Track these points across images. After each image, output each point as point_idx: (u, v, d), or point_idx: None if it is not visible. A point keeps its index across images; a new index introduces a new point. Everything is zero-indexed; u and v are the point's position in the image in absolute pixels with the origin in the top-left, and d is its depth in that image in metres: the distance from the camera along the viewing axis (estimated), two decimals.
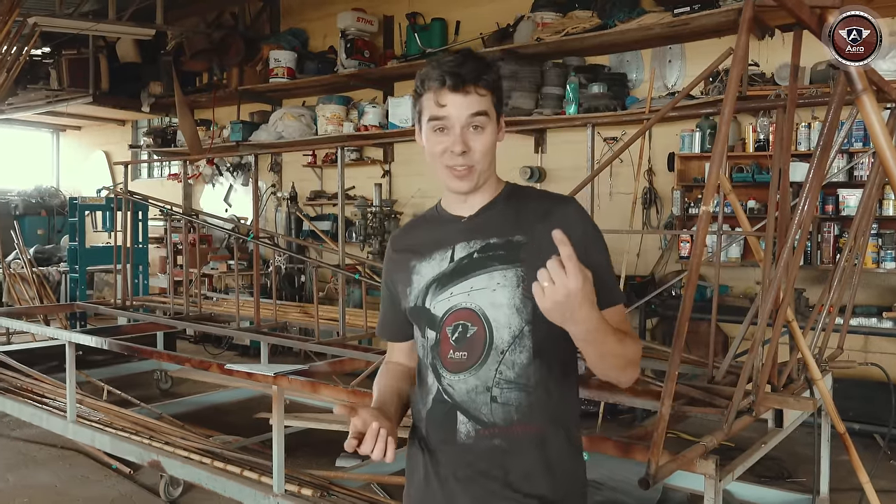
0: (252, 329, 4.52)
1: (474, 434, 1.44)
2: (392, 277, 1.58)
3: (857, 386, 4.59)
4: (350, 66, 7.20)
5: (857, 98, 1.55)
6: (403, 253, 1.56)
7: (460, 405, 1.45)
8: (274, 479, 3.27)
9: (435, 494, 1.49)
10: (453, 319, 1.45)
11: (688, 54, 5.81)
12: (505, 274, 1.42)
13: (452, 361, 1.45)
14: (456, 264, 1.46)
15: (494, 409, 1.43)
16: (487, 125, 1.42)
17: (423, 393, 1.52)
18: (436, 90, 1.40)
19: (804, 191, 2.09)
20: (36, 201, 11.11)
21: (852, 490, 3.24)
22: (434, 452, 1.49)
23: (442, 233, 1.51)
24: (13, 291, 7.42)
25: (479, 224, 1.48)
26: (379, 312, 1.70)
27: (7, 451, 4.63)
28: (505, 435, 1.43)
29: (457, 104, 1.40)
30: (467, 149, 1.41)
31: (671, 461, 1.89)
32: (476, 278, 1.44)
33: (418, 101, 1.46)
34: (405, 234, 1.62)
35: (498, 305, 1.42)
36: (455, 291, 1.45)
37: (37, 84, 9.26)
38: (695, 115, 5.42)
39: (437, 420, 1.48)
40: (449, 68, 1.39)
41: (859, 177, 4.92)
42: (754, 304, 2.52)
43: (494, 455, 1.43)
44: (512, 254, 1.43)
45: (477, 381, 1.43)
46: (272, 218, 8.51)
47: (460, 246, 1.47)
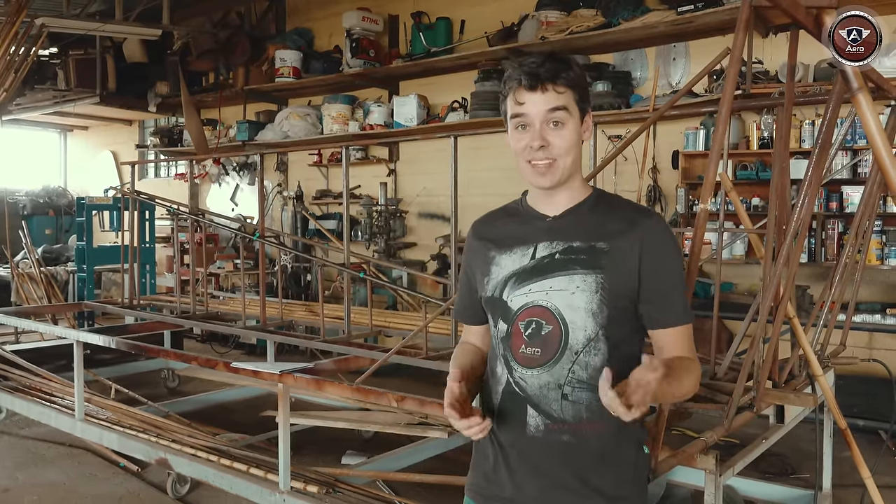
0: (258, 328, 4.55)
1: (543, 428, 1.49)
2: (471, 264, 1.64)
3: (860, 382, 4.59)
4: (355, 65, 7.22)
5: (852, 97, 1.57)
6: (484, 242, 1.61)
7: (531, 399, 1.50)
8: (280, 476, 3.30)
9: (503, 483, 1.54)
10: (527, 315, 1.50)
11: (692, 52, 5.81)
12: (585, 279, 1.47)
13: (524, 356, 1.50)
14: (537, 262, 1.51)
15: (565, 406, 1.47)
16: (567, 121, 1.47)
17: (493, 382, 1.58)
18: (515, 90, 1.48)
19: (803, 188, 2.10)
20: (44, 201, 11.16)
21: (855, 486, 3.25)
22: (504, 443, 1.54)
23: (525, 228, 1.56)
24: (21, 291, 7.47)
25: (563, 226, 1.53)
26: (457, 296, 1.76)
27: (16, 450, 4.67)
28: (574, 431, 1.48)
29: (534, 101, 1.46)
30: (546, 143, 1.46)
31: (671, 456, 1.91)
32: (556, 279, 1.48)
33: (504, 102, 1.53)
34: (487, 224, 1.66)
35: (575, 308, 1.47)
36: (534, 288, 1.50)
37: (44, 84, 9.32)
38: (699, 113, 5.42)
39: (508, 411, 1.53)
40: (528, 69, 1.46)
41: (863, 174, 4.92)
42: (755, 301, 2.53)
43: (562, 450, 1.48)
44: (593, 260, 1.47)
45: (549, 378, 1.48)
46: (278, 217, 8.55)
47: (543, 245, 1.52)
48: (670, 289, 1.48)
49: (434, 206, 7.30)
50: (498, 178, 6.62)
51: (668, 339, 1.49)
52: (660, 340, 1.51)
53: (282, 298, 4.88)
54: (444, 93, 7.04)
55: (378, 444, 4.48)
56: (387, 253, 7.17)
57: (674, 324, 1.49)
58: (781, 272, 2.12)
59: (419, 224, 7.45)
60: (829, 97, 2.01)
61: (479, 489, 1.60)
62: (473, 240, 1.65)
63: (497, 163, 6.69)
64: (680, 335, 1.49)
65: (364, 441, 4.65)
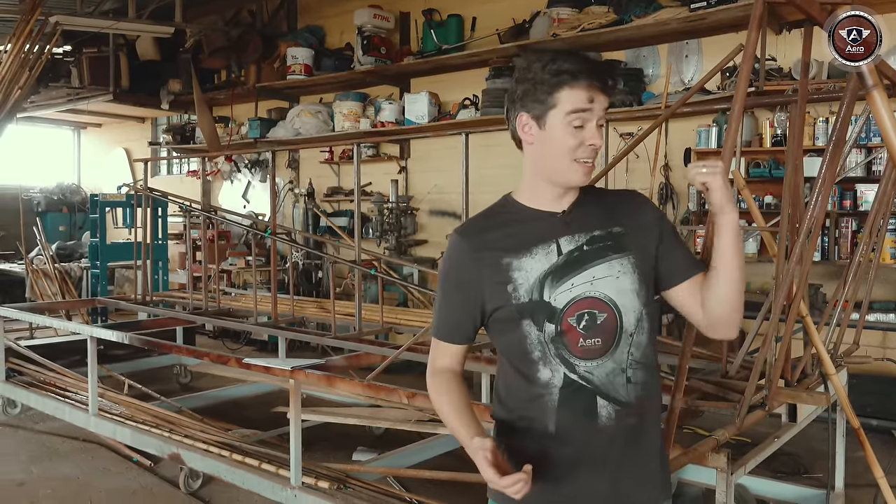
0: (270, 324, 4.57)
1: (615, 415, 1.51)
2: (470, 276, 1.55)
3: (874, 381, 4.56)
4: (367, 62, 7.23)
5: (867, 93, 1.56)
6: (488, 251, 1.54)
7: (600, 389, 1.50)
8: (291, 471, 3.31)
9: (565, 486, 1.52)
10: (576, 309, 1.49)
11: (704, 49, 5.78)
12: (622, 262, 1.51)
13: (584, 349, 1.50)
14: (566, 257, 1.51)
15: (629, 389, 1.51)
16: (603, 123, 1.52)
17: (535, 389, 1.52)
18: (587, 86, 1.45)
19: (816, 185, 2.09)
20: (58, 198, 11.24)
21: (869, 486, 3.23)
22: (566, 442, 1.51)
23: (537, 228, 1.54)
24: (36, 287, 7.53)
25: (576, 218, 1.54)
26: (437, 313, 1.64)
27: (31, 444, 4.72)
28: (637, 412, 1.53)
29: (602, 102, 1.47)
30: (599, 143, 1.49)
31: (682, 454, 1.91)
32: (595, 268, 1.50)
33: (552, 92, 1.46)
34: (480, 232, 1.58)
35: (624, 291, 1.51)
36: (576, 282, 1.49)
37: (58, 82, 9.38)
38: (711, 110, 5.39)
39: (574, 407, 1.50)
40: (601, 70, 1.47)
41: (877, 172, 4.88)
42: (768, 299, 2.52)
43: (631, 432, 1.52)
44: (619, 244, 1.53)
45: (614, 364, 1.51)
46: (290, 214, 8.57)
47: (565, 240, 1.52)
48: (681, 246, 1.60)
49: (445, 204, 7.31)
50: (509, 176, 6.58)
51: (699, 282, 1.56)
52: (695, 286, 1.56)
53: (293, 295, 4.90)
54: (456, 90, 7.03)
55: (389, 440, 4.50)
56: (398, 250, 7.18)
57: (697, 271, 1.57)
58: (794, 270, 2.11)
59: (430, 221, 7.45)
60: (844, 94, 2.00)
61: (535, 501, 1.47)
62: (469, 251, 1.56)
63: (508, 160, 6.66)
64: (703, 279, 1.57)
65: (375, 437, 4.67)
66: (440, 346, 1.64)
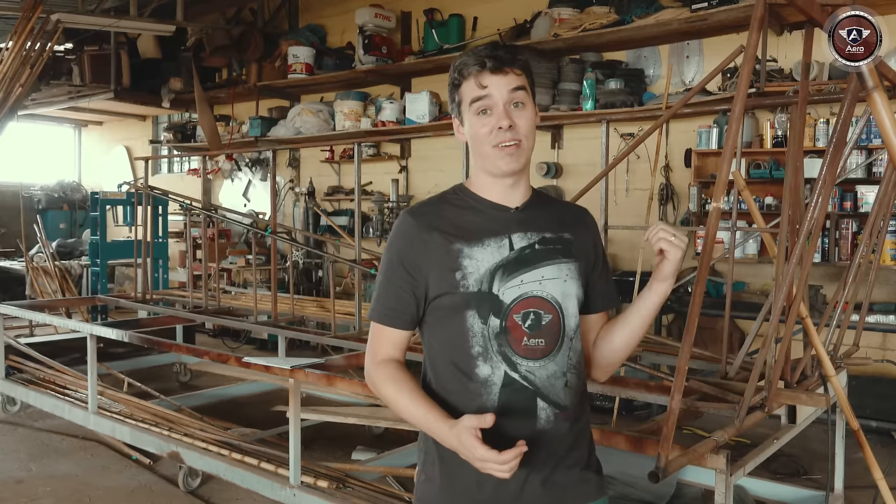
0: (270, 323, 4.57)
1: (553, 418, 1.49)
2: (418, 259, 1.49)
3: (873, 383, 4.56)
4: (368, 61, 7.23)
5: (867, 95, 1.56)
6: (439, 234, 1.49)
7: (541, 390, 1.49)
8: (290, 471, 3.32)
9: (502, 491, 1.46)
10: (523, 307, 1.48)
11: (706, 50, 5.78)
12: (569, 267, 1.53)
13: (528, 348, 1.48)
14: (518, 253, 1.49)
15: (567, 392, 1.52)
16: (527, 102, 1.50)
17: (473, 386, 1.47)
18: (476, 74, 1.47)
19: (817, 187, 2.09)
20: (58, 196, 11.25)
21: (868, 488, 3.23)
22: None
23: (490, 220, 1.52)
24: (36, 284, 7.53)
25: (529, 217, 1.54)
26: (378, 295, 1.55)
27: (30, 442, 4.72)
28: (574, 416, 1.53)
29: (497, 84, 1.46)
30: (513, 124, 1.47)
31: (681, 455, 1.91)
32: (545, 268, 1.50)
33: (457, 91, 1.52)
34: (432, 214, 1.53)
35: (569, 296, 1.52)
36: (526, 279, 1.48)
37: (59, 80, 9.38)
38: (712, 111, 5.39)
39: (514, 408, 1.46)
40: (486, 53, 1.47)
41: (877, 173, 4.88)
42: (768, 300, 2.52)
43: (566, 436, 1.52)
44: (567, 249, 1.55)
45: (556, 367, 1.50)
46: (290, 213, 8.57)
47: (517, 236, 1.51)
48: (608, 278, 1.65)
49: None
50: None
51: (604, 320, 1.64)
52: (599, 322, 1.63)
53: (293, 294, 4.90)
54: None
55: (388, 440, 4.50)
56: None
57: (614, 306, 1.66)
58: (794, 272, 2.11)
59: None
60: (844, 95, 2.00)
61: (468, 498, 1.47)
62: (419, 230, 1.50)
63: None
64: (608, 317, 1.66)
65: (374, 437, 4.67)
66: (382, 335, 1.55)
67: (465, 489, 1.48)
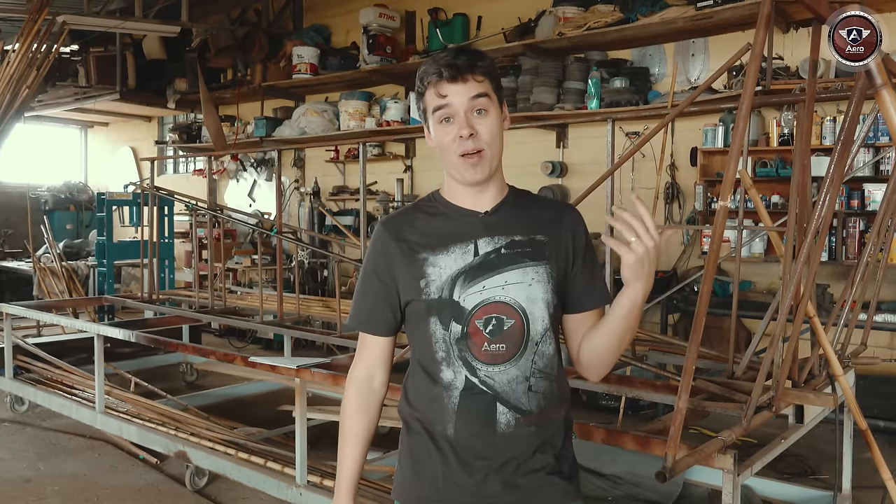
0: (275, 322, 4.57)
1: (514, 423, 1.48)
2: (391, 268, 1.55)
3: (882, 383, 4.54)
4: (372, 61, 7.23)
5: (876, 92, 1.55)
6: (406, 243, 1.54)
7: (501, 396, 1.48)
8: (297, 470, 3.32)
9: (462, 488, 1.50)
10: (484, 312, 1.47)
11: (711, 48, 5.76)
12: (537, 270, 1.49)
13: (488, 353, 1.48)
14: (482, 259, 1.49)
15: (530, 397, 1.49)
16: (490, 108, 1.48)
17: (437, 389, 1.51)
18: (435, 83, 1.47)
19: (824, 185, 2.08)
20: (65, 196, 11.28)
21: (876, 488, 3.22)
22: (462, 446, 1.49)
23: (458, 226, 1.53)
24: (43, 285, 7.56)
25: (499, 220, 1.53)
26: (354, 302, 1.63)
27: (38, 441, 4.74)
28: (538, 422, 1.50)
29: (456, 92, 1.46)
30: (474, 132, 1.46)
31: (688, 455, 1.90)
32: (509, 273, 1.48)
33: (421, 99, 1.52)
34: (403, 224, 1.57)
35: (534, 300, 1.49)
36: (487, 285, 1.48)
37: (65, 81, 9.41)
38: (718, 109, 5.36)
39: (473, 412, 1.49)
40: (444, 62, 1.46)
41: (885, 171, 4.86)
42: (775, 300, 2.51)
43: (529, 441, 1.50)
44: (538, 252, 1.51)
45: (517, 372, 1.49)
46: (295, 213, 8.59)
47: (483, 241, 1.50)
48: (598, 274, 1.59)
49: None
50: (514, 175, 6.54)
51: (594, 317, 1.57)
52: (587, 321, 1.57)
53: (299, 294, 4.90)
54: None
55: (393, 439, 4.48)
56: None
57: (603, 303, 1.58)
58: (802, 271, 2.10)
59: None
60: (852, 93, 1.99)
61: (431, 500, 1.53)
62: (389, 241, 1.55)
63: (513, 160, 6.64)
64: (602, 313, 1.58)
65: (380, 436, 4.67)
66: (363, 342, 1.63)
67: (430, 481, 1.53)
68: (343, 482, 1.64)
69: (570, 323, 1.58)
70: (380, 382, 1.63)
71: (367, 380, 1.63)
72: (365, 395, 1.63)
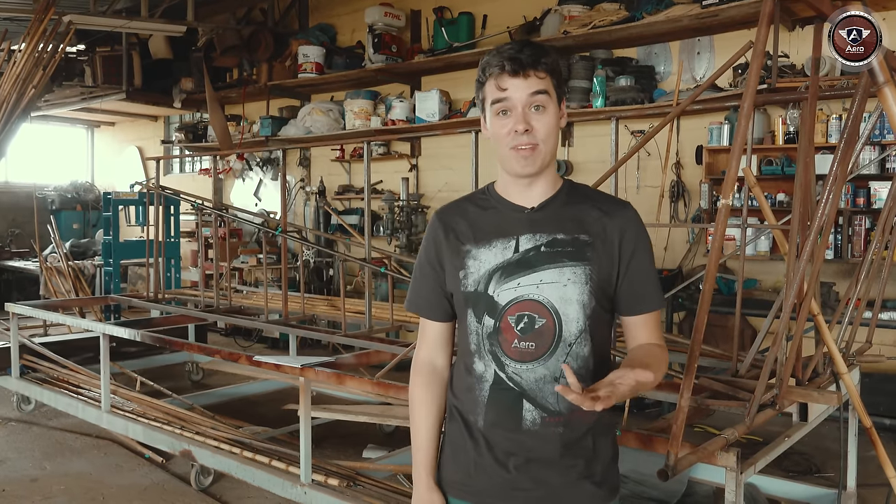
0: (281, 322, 4.58)
1: (540, 421, 1.50)
2: (440, 257, 1.59)
3: (887, 381, 4.53)
4: (378, 60, 7.24)
5: (878, 90, 1.55)
6: (455, 234, 1.57)
7: (528, 393, 1.49)
8: (301, 469, 3.33)
9: (492, 479, 1.53)
10: (517, 309, 1.49)
11: (717, 46, 5.75)
12: (574, 270, 1.49)
13: (518, 350, 1.49)
14: (521, 255, 1.50)
15: (560, 398, 1.48)
16: (549, 105, 1.48)
17: (471, 380, 1.55)
18: (496, 76, 1.47)
19: (828, 183, 2.08)
20: (71, 196, 11.33)
21: (881, 486, 3.21)
22: (491, 438, 1.53)
23: (502, 221, 1.54)
24: (50, 284, 7.60)
25: (543, 218, 1.53)
26: (411, 287, 1.68)
27: (44, 440, 4.76)
28: (567, 423, 1.51)
29: (517, 86, 1.46)
30: (529, 127, 1.46)
31: (691, 453, 1.90)
32: (545, 272, 1.48)
33: (481, 89, 1.52)
34: (454, 215, 1.61)
35: (568, 300, 1.48)
36: (523, 282, 1.49)
37: (72, 81, 9.44)
38: (723, 107, 5.36)
39: (500, 406, 1.51)
40: (508, 55, 1.46)
41: (891, 169, 4.84)
42: (779, 297, 2.51)
43: (556, 441, 1.50)
44: (580, 252, 1.50)
45: (546, 371, 1.49)
46: (301, 212, 8.60)
47: (525, 238, 1.51)
48: (648, 277, 1.55)
49: None
50: None
51: (641, 323, 1.56)
52: (635, 326, 1.57)
53: (304, 293, 4.91)
54: (466, 88, 7.03)
55: (399, 438, 4.51)
56: (409, 248, 7.19)
57: (650, 309, 1.55)
58: (805, 268, 2.09)
59: None
60: (855, 91, 1.98)
61: (461, 485, 1.58)
62: (439, 230, 1.60)
63: None
64: (653, 320, 1.56)
65: (385, 435, 4.68)
66: (423, 328, 1.67)
67: (463, 468, 1.57)
68: (420, 468, 1.64)
69: (624, 324, 1.59)
70: (442, 365, 1.67)
71: (429, 363, 1.66)
72: (429, 378, 1.65)
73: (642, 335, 1.56)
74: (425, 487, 1.62)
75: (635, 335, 1.57)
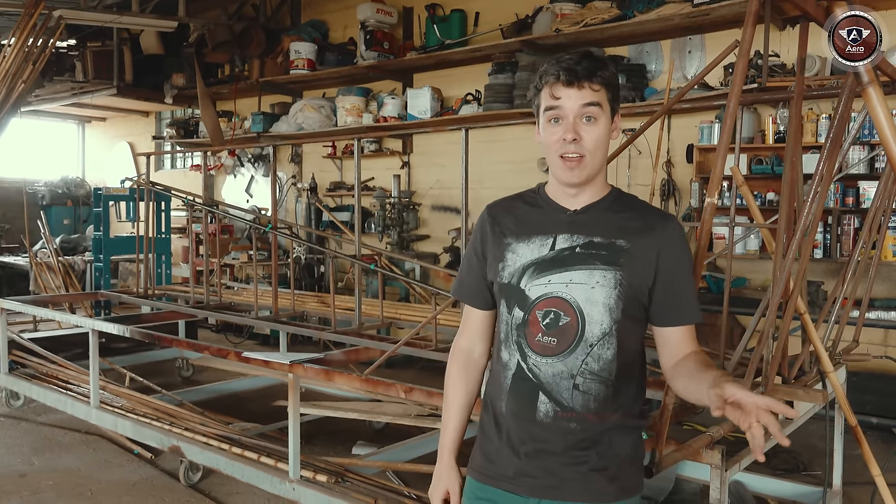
0: (271, 318, 4.58)
1: (552, 415, 1.54)
2: (485, 248, 1.66)
3: (874, 379, 4.55)
4: (369, 57, 7.23)
5: (863, 90, 1.56)
6: (500, 226, 1.64)
7: (544, 386, 1.54)
8: (290, 465, 3.33)
9: (506, 464, 1.59)
10: (545, 305, 1.53)
11: (708, 45, 5.77)
12: (605, 274, 1.52)
13: (540, 344, 1.54)
14: (556, 254, 1.54)
15: (575, 395, 1.53)
16: (600, 117, 1.51)
17: (498, 367, 1.62)
18: (552, 84, 1.52)
19: (814, 182, 2.09)
20: (62, 192, 11.27)
21: (867, 484, 3.23)
22: (510, 426, 1.59)
23: (544, 219, 1.59)
24: (40, 280, 7.56)
25: (584, 220, 1.56)
26: (459, 274, 1.76)
27: (33, 436, 4.74)
28: (581, 420, 1.54)
29: (570, 96, 1.50)
30: (578, 137, 1.50)
31: (676, 450, 1.91)
32: (576, 272, 1.52)
33: (537, 96, 1.57)
34: (503, 209, 1.67)
35: (594, 302, 1.51)
36: (553, 280, 1.53)
37: (62, 76, 9.40)
38: (712, 106, 5.38)
39: (519, 395, 1.57)
40: (566, 65, 1.49)
41: (880, 168, 4.86)
42: (766, 296, 2.52)
43: (566, 435, 1.54)
44: (613, 257, 1.53)
45: (563, 367, 1.53)
46: (292, 209, 8.59)
47: (563, 237, 1.55)
48: (685, 289, 1.57)
49: (447, 199, 7.31)
50: (511, 172, 6.61)
51: (679, 335, 1.58)
52: (671, 336, 1.59)
53: (294, 289, 4.91)
54: (458, 85, 7.03)
55: (388, 434, 4.51)
56: (400, 245, 7.19)
57: (687, 322, 1.58)
58: (791, 267, 2.11)
59: (432, 216, 7.46)
60: (841, 91, 1.99)
61: (482, 469, 1.64)
62: (486, 223, 1.67)
63: (510, 156, 6.69)
64: (691, 331, 1.59)
65: (375, 432, 4.68)
66: (466, 314, 1.74)
67: (486, 454, 1.65)
68: (445, 448, 1.73)
69: (657, 333, 1.62)
70: (480, 354, 1.74)
71: (468, 351, 1.74)
72: (465, 365, 1.73)
73: (681, 345, 1.58)
74: (446, 466, 1.72)
75: (676, 348, 1.58)
